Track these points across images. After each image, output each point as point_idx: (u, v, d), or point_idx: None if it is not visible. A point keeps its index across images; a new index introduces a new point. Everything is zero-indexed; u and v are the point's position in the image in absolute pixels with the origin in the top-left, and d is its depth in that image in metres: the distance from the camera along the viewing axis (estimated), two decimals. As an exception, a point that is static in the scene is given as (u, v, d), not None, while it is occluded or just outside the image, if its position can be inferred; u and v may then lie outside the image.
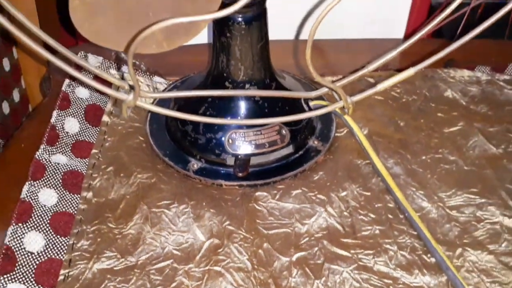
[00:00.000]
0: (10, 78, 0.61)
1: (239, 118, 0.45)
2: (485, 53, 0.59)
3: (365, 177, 0.44)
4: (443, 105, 0.52)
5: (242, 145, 0.44)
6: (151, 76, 0.54)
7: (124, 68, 0.53)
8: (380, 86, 0.37)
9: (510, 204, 0.42)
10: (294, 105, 0.47)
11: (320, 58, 0.61)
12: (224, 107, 0.45)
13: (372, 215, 0.41)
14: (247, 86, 0.44)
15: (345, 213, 0.41)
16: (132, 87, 0.36)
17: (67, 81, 0.49)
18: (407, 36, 0.67)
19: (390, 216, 0.41)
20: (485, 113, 0.51)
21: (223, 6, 0.36)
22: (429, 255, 0.38)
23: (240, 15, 0.41)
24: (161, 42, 0.37)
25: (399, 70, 0.38)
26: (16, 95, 0.62)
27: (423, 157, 0.46)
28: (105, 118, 0.49)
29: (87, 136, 0.47)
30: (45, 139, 0.44)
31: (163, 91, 0.53)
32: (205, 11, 0.35)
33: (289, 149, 0.46)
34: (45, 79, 0.57)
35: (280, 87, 0.46)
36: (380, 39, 0.65)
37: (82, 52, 0.52)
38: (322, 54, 0.62)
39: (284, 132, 0.45)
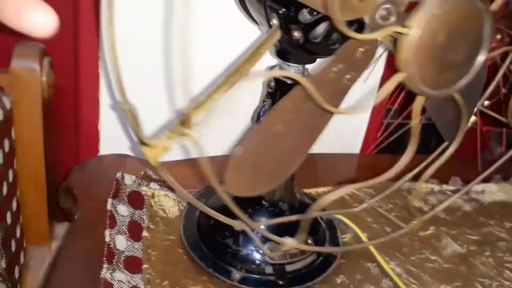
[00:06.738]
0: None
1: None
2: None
3: (376, 278, 0.54)
4: (413, 213, 0.65)
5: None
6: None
7: (152, 184, 0.58)
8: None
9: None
10: (316, 220, 0.56)
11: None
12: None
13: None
14: (280, 203, 0.53)
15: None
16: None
17: (110, 200, 0.53)
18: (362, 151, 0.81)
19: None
20: (444, 218, 0.65)
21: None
22: None
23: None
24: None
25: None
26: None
27: (412, 258, 0.58)
28: (144, 233, 0.53)
29: (134, 252, 0.51)
30: (104, 258, 0.47)
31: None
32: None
33: (314, 256, 0.54)
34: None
35: (304, 204, 0.55)
36: (341, 154, 0.78)
37: (120, 172, 0.57)
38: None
39: (310, 241, 0.53)
